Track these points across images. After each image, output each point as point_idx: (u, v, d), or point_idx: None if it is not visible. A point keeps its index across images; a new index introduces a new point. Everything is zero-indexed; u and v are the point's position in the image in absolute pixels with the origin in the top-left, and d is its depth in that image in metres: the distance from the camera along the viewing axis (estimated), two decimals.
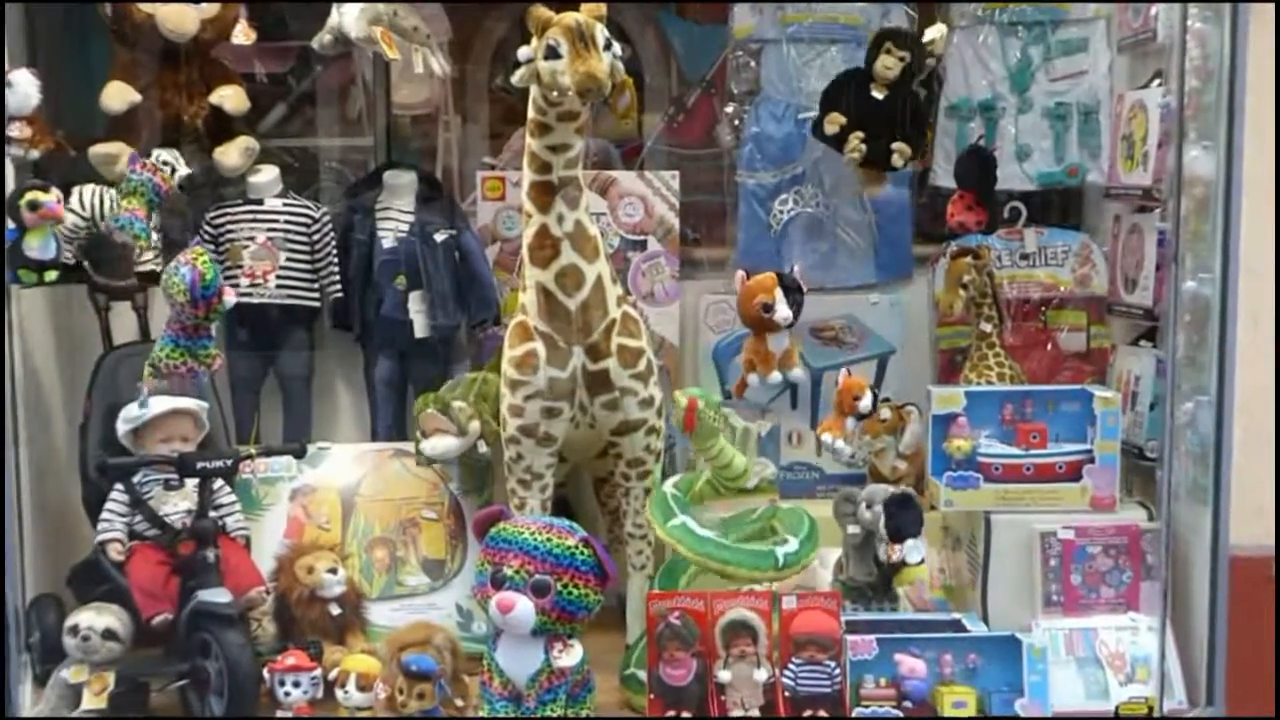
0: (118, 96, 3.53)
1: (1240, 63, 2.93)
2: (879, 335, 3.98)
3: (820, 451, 3.71)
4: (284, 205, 3.74)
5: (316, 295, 3.78)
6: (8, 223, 3.18)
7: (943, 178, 3.92)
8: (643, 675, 3.00)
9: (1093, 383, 3.61)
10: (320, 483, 3.53)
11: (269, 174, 3.73)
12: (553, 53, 2.84)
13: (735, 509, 3.27)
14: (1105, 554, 3.18)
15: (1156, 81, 3.50)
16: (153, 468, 3.20)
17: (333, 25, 3.52)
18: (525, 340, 3.16)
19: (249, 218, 3.72)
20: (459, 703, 2.95)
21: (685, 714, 2.93)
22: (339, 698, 2.99)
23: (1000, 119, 3.90)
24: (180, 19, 3.49)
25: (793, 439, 3.95)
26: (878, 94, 3.63)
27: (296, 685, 2.99)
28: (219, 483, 3.20)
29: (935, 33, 3.62)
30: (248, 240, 3.70)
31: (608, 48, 2.88)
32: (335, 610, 3.27)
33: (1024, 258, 3.95)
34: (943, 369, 3.96)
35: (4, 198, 3.19)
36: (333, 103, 4.18)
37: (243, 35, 3.70)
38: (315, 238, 3.74)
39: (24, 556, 3.06)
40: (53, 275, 3.27)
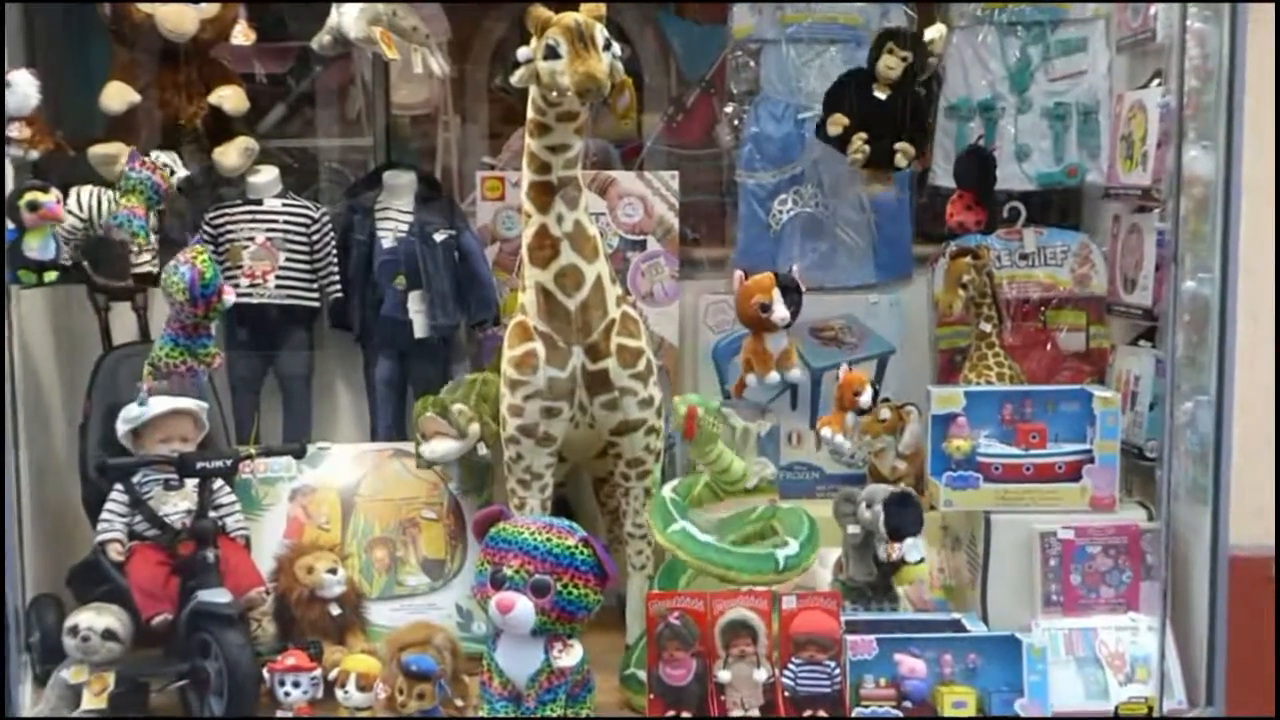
0: (117, 97, 3.53)
1: (1239, 62, 2.92)
2: (878, 335, 3.98)
3: (819, 445, 3.71)
4: (283, 205, 3.74)
5: (316, 295, 3.78)
6: (7, 223, 3.18)
7: (942, 178, 3.92)
8: (643, 675, 3.00)
9: (1092, 383, 3.61)
10: (320, 483, 3.53)
11: (268, 174, 3.73)
12: (552, 53, 2.84)
13: (735, 508, 3.28)
14: (1105, 554, 3.17)
15: (1156, 81, 3.50)
16: (152, 468, 3.20)
17: (332, 25, 3.52)
18: (525, 340, 3.15)
19: (248, 218, 3.72)
20: (459, 703, 2.95)
21: (685, 714, 2.92)
22: (339, 698, 2.99)
23: (999, 119, 3.90)
24: (179, 19, 3.49)
25: (792, 439, 3.95)
26: (880, 94, 3.63)
27: (296, 685, 2.99)
28: (219, 483, 3.20)
29: (934, 33, 3.63)
30: (247, 240, 3.70)
31: (607, 48, 2.88)
32: (335, 610, 3.27)
33: (1023, 258, 3.95)
34: (942, 369, 3.96)
35: (3, 198, 3.19)
36: (332, 103, 4.18)
37: (242, 35, 3.70)
38: (315, 238, 3.75)
39: (24, 556, 3.06)
40: (52, 276, 3.26)
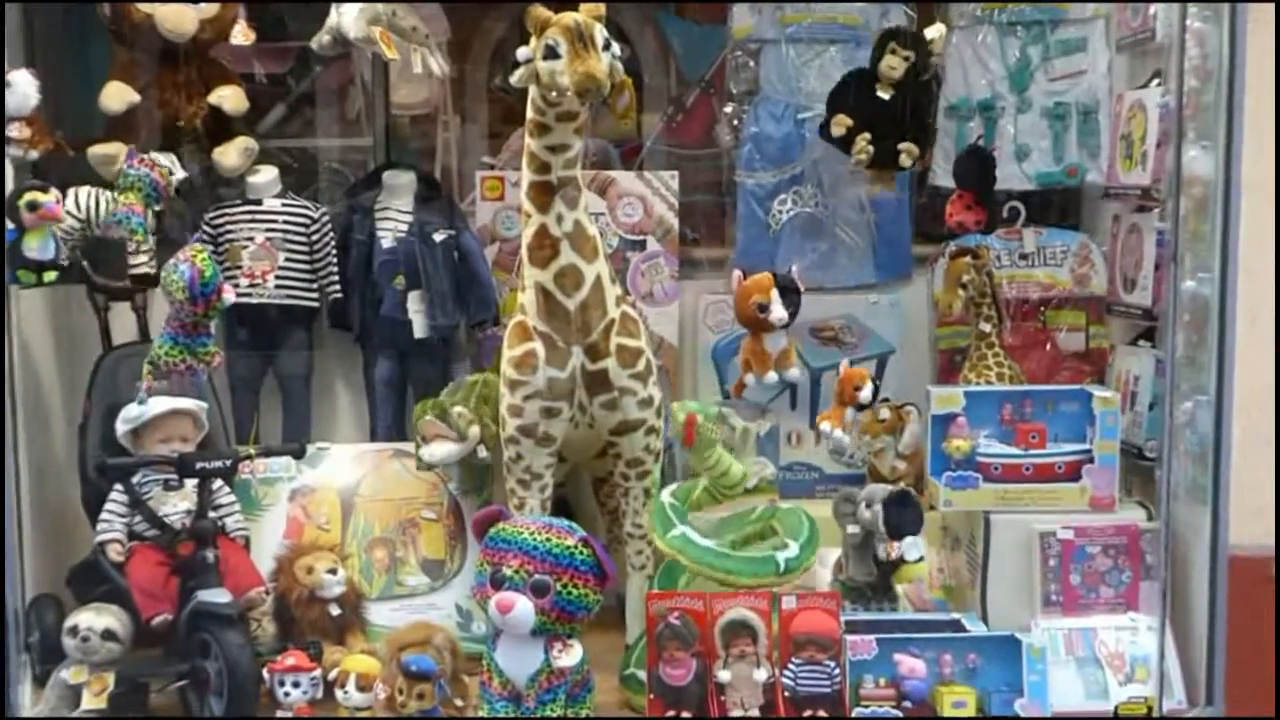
0: (117, 97, 3.53)
1: (1239, 62, 2.92)
2: (878, 335, 3.98)
3: (818, 440, 3.71)
4: (283, 205, 3.74)
5: (315, 295, 3.78)
6: (7, 223, 3.17)
7: (942, 177, 3.92)
8: (642, 675, 3.00)
9: (1092, 382, 3.61)
10: (320, 483, 3.53)
11: (268, 174, 3.73)
12: (551, 53, 2.84)
13: (734, 508, 3.27)
14: (1104, 554, 3.17)
15: (1155, 81, 3.50)
16: (152, 468, 3.20)
17: (331, 25, 3.52)
18: (524, 340, 3.15)
19: (248, 218, 3.72)
20: (459, 703, 2.95)
21: (685, 714, 2.92)
22: (339, 698, 2.98)
23: (999, 119, 3.90)
24: (179, 19, 3.49)
25: (792, 439, 3.95)
26: (883, 94, 3.62)
27: (296, 685, 2.99)
28: (218, 483, 3.20)
29: (934, 32, 3.62)
30: (247, 240, 3.70)
31: (606, 48, 2.88)
32: (335, 610, 3.27)
33: (1023, 257, 3.95)
34: (942, 369, 3.96)
35: (3, 198, 3.19)
36: (332, 103, 4.19)
37: (241, 35, 3.70)
38: (314, 238, 3.75)
39: (24, 556, 3.06)
40: (51, 276, 3.25)
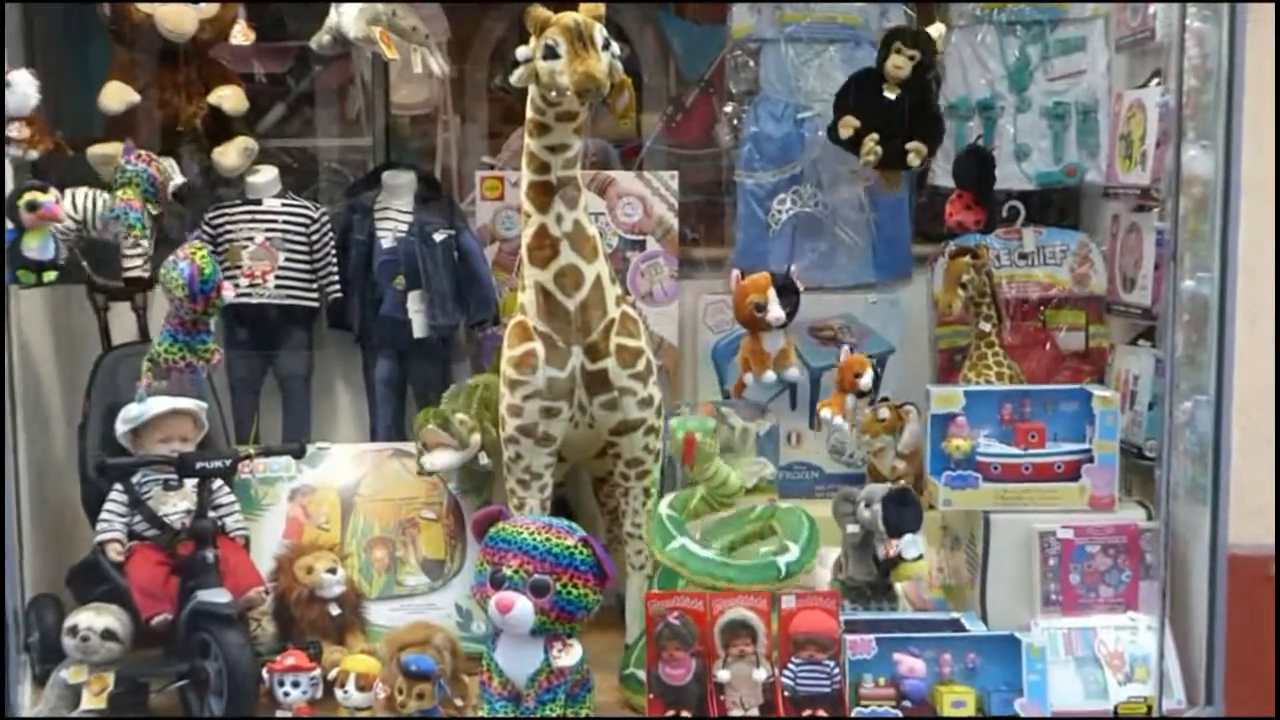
0: (116, 97, 3.53)
1: (1239, 62, 2.93)
2: (878, 335, 3.98)
3: (816, 425, 3.70)
4: (283, 205, 3.74)
5: (315, 295, 3.78)
6: (6, 223, 3.18)
7: (941, 177, 3.92)
8: (642, 675, 3.00)
9: (1091, 382, 3.61)
10: (319, 483, 3.53)
11: (268, 174, 3.73)
12: (551, 53, 2.84)
13: (734, 508, 3.27)
14: (1104, 553, 3.17)
15: (1155, 81, 3.50)
16: (152, 468, 3.20)
17: (331, 25, 3.52)
18: (524, 340, 3.15)
19: (248, 218, 3.72)
20: (458, 703, 2.95)
21: (685, 714, 2.92)
22: (338, 698, 2.98)
23: (999, 118, 3.90)
24: (179, 19, 3.49)
25: (792, 439, 3.95)
26: (890, 94, 3.62)
27: (296, 685, 2.99)
28: (218, 483, 3.20)
29: (934, 32, 3.62)
30: (246, 240, 3.70)
31: (606, 47, 2.87)
32: (335, 610, 3.27)
33: (1023, 257, 3.95)
34: (942, 368, 3.96)
35: (3, 198, 3.19)
36: (331, 103, 4.19)
37: (241, 35, 3.70)
38: (314, 238, 3.75)
39: (24, 556, 3.06)
40: (51, 276, 3.25)
